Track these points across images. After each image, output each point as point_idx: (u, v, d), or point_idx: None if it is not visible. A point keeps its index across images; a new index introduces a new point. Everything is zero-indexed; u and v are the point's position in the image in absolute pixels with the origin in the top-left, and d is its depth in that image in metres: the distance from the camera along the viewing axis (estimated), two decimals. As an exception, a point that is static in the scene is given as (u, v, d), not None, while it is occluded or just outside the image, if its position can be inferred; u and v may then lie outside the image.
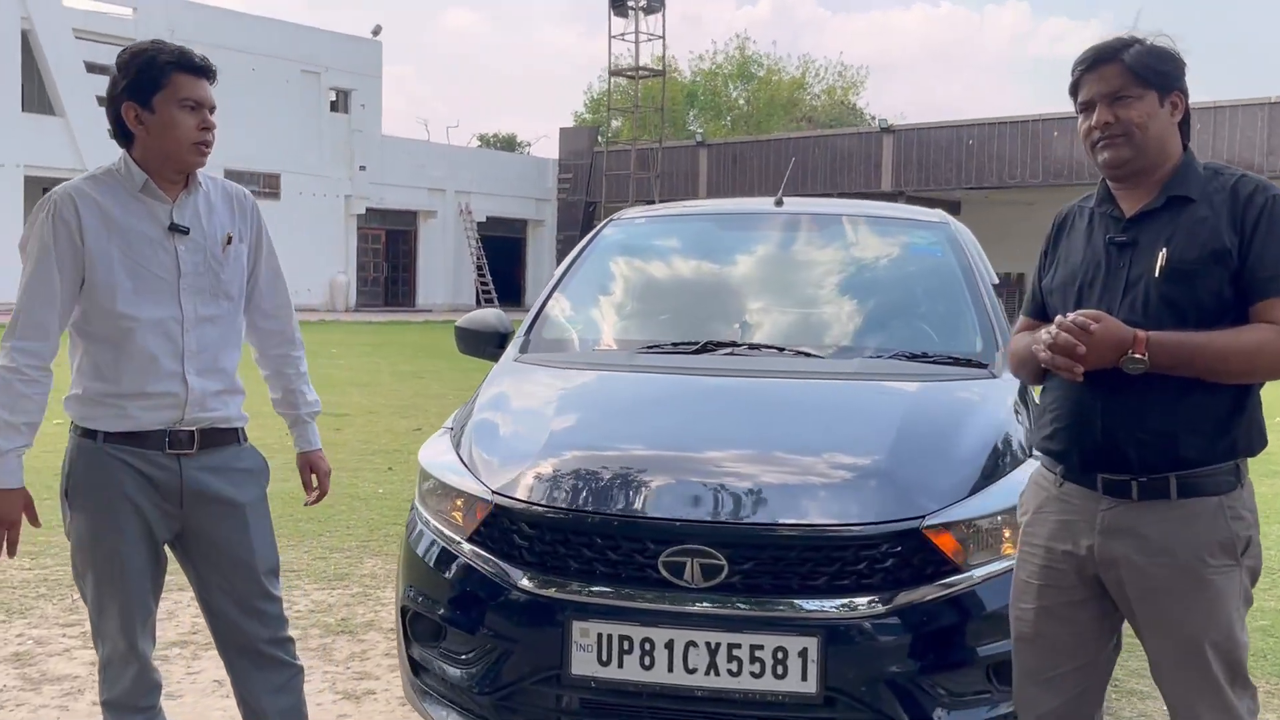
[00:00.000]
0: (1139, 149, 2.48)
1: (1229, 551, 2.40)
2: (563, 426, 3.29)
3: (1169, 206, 2.47)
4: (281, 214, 38.86)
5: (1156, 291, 2.42)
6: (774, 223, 4.58)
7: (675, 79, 60.84)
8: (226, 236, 2.95)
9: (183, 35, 35.99)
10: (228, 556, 2.96)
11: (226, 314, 2.96)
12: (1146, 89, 2.47)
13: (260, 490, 3.04)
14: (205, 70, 2.89)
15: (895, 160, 37.64)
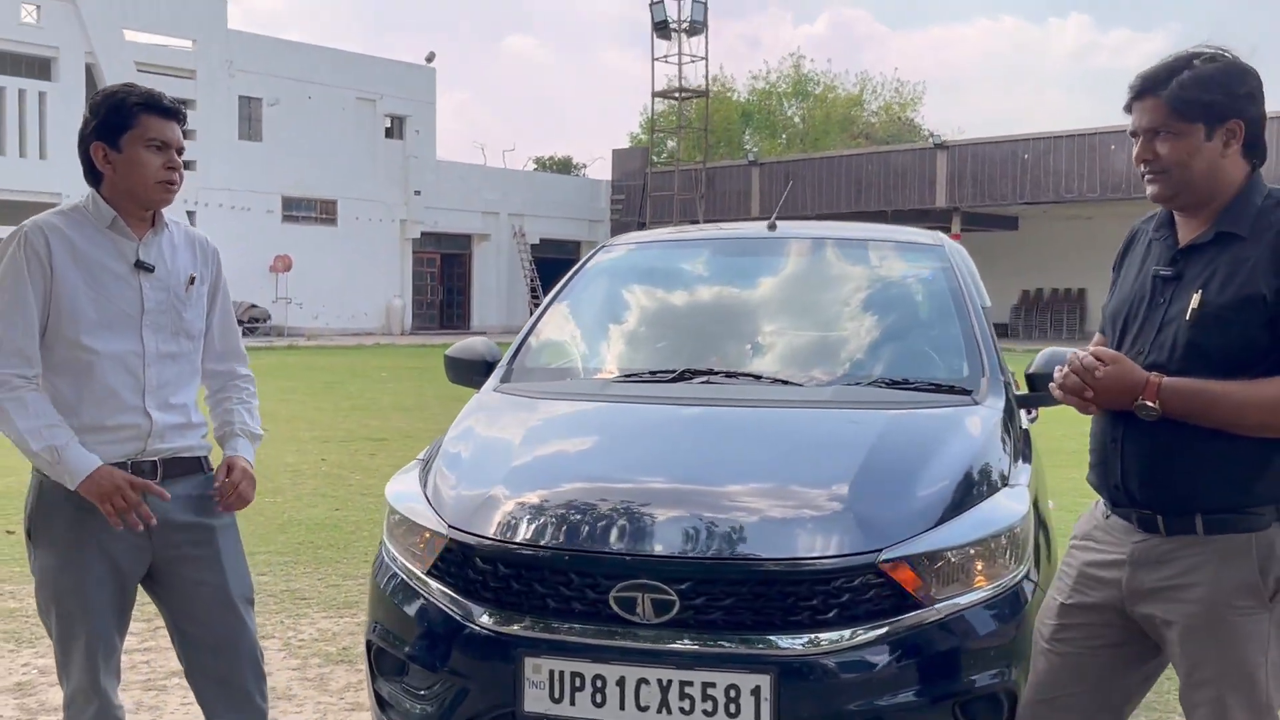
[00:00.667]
0: (1181, 186, 2.37)
1: (1255, 594, 2.28)
2: (523, 460, 3.25)
3: (1217, 241, 2.35)
4: (338, 239, 39.47)
5: (1185, 336, 2.32)
6: (764, 248, 4.51)
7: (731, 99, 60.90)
8: (190, 277, 2.99)
9: (241, 65, 36.80)
10: (200, 584, 2.96)
11: (187, 352, 2.99)
12: (1190, 124, 2.33)
13: (229, 517, 3.05)
14: (174, 113, 2.91)
15: (950, 176, 37.29)
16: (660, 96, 42.22)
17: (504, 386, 3.92)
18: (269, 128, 38.16)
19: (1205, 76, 2.33)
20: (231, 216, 36.96)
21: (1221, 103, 2.32)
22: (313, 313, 38.37)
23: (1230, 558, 2.30)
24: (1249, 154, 2.38)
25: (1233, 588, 2.29)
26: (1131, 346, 2.44)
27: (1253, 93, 2.35)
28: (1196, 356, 2.30)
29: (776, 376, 3.72)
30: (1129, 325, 2.48)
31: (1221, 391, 2.25)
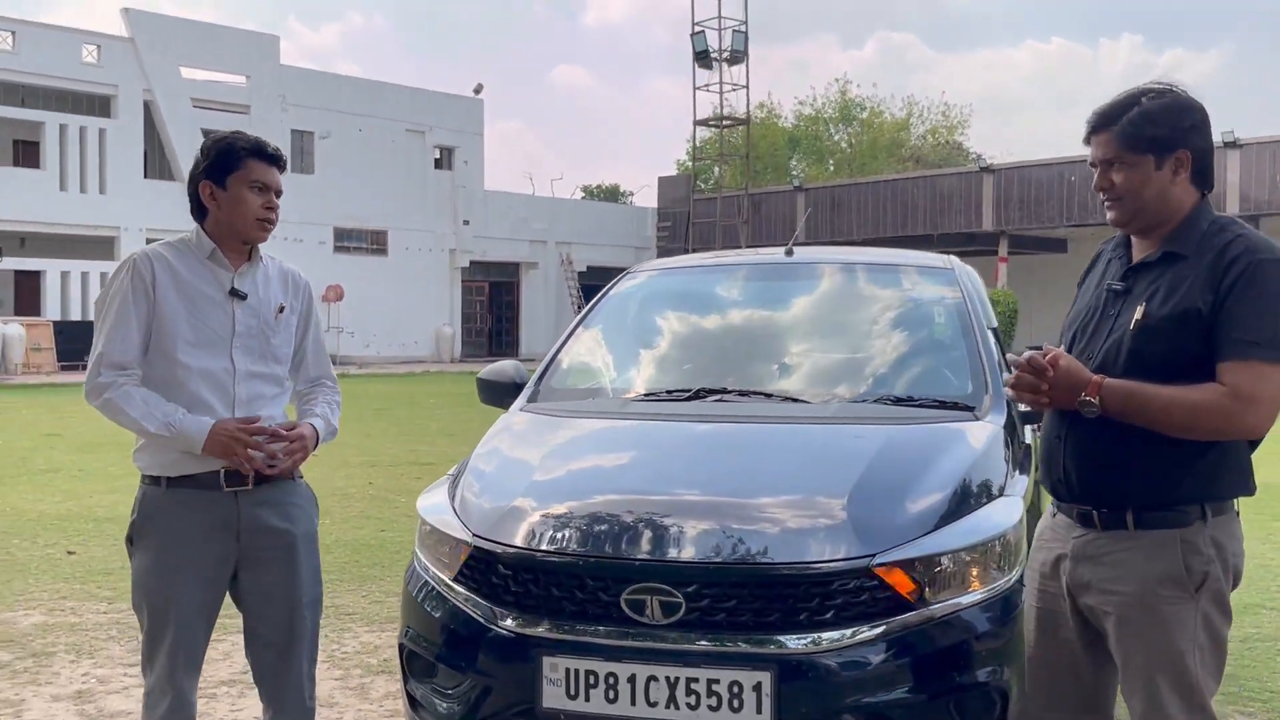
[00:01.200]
0: (1135, 211, 2.60)
1: (1180, 584, 2.49)
2: (542, 474, 3.47)
3: (1164, 260, 2.57)
4: (389, 269, 40.09)
5: (1129, 343, 2.54)
6: (781, 273, 4.72)
7: (778, 125, 61.14)
8: (279, 306, 3.30)
9: (294, 99, 37.60)
10: (275, 588, 3.23)
11: (275, 373, 3.29)
12: (1140, 155, 2.56)
13: (311, 525, 3.34)
14: (276, 159, 3.23)
15: (996, 199, 37.19)
16: (702, 125, 42.54)
17: (530, 406, 4.14)
18: (321, 160, 38.93)
19: (1153, 112, 2.55)
20: (285, 248, 37.67)
21: (1168, 135, 2.54)
22: (364, 341, 38.96)
23: (1157, 552, 2.51)
24: (1197, 182, 2.60)
25: (1159, 579, 2.50)
26: (1083, 352, 2.66)
27: (1197, 125, 2.57)
28: (1137, 363, 2.51)
29: (786, 394, 3.93)
30: (1081, 334, 2.71)
31: (1153, 393, 2.45)
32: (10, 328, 29.25)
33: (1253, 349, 2.41)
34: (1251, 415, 2.42)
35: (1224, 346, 2.44)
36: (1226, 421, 2.43)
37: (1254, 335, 2.41)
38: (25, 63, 32.80)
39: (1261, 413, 2.42)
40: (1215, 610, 2.52)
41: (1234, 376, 2.42)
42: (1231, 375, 2.42)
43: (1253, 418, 2.42)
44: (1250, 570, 7.21)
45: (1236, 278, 2.44)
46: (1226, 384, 2.42)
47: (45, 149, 33.60)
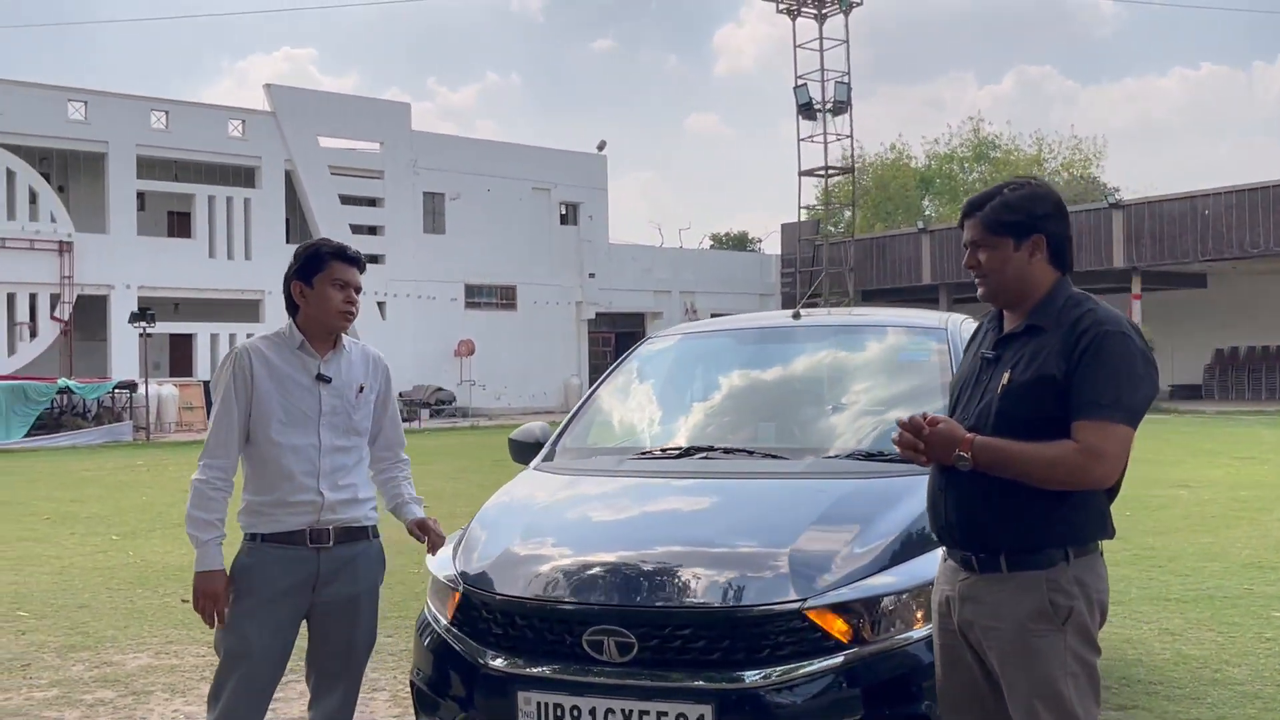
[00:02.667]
0: (998, 287, 2.94)
1: (1047, 619, 2.77)
2: (528, 529, 3.89)
3: (1027, 332, 2.89)
4: (517, 323, 41.26)
5: (997, 405, 2.85)
6: (782, 335, 5.09)
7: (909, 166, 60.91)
8: (359, 386, 3.73)
9: (425, 163, 39.17)
10: (338, 632, 3.67)
11: (355, 445, 3.72)
12: (1000, 238, 2.90)
13: (375, 581, 3.76)
14: (356, 260, 3.73)
15: (1126, 235, 36.44)
16: (807, 175, 42.86)
17: (542, 465, 4.58)
18: (451, 220, 40.45)
19: (1011, 201, 2.91)
20: (418, 305, 39.21)
21: (1024, 222, 2.88)
22: (495, 393, 40.11)
23: (1027, 590, 2.78)
24: (1055, 262, 2.92)
25: (1029, 615, 2.77)
26: (961, 413, 2.96)
27: (1050, 213, 2.90)
28: (1005, 422, 2.81)
29: (768, 451, 4.27)
30: (961, 396, 3.03)
31: (1016, 450, 2.75)
32: (165, 389, 31.11)
33: (1099, 409, 2.70)
34: (1099, 468, 2.71)
35: (1076, 407, 2.73)
36: (1078, 474, 2.72)
37: (1100, 397, 2.71)
38: (177, 139, 35.10)
39: (1108, 465, 2.72)
40: (1081, 642, 2.78)
41: (1084, 434, 2.71)
42: (1082, 433, 2.71)
43: (1100, 470, 2.71)
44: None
45: (1085, 347, 2.75)
46: (1078, 440, 2.71)
47: (196, 219, 35.79)
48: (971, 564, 2.88)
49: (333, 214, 37.62)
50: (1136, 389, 2.73)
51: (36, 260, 32.91)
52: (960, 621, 2.91)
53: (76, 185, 35.75)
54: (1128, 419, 2.72)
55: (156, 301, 33.94)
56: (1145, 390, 2.75)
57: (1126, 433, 2.72)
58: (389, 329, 38.52)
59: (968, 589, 2.89)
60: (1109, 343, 2.74)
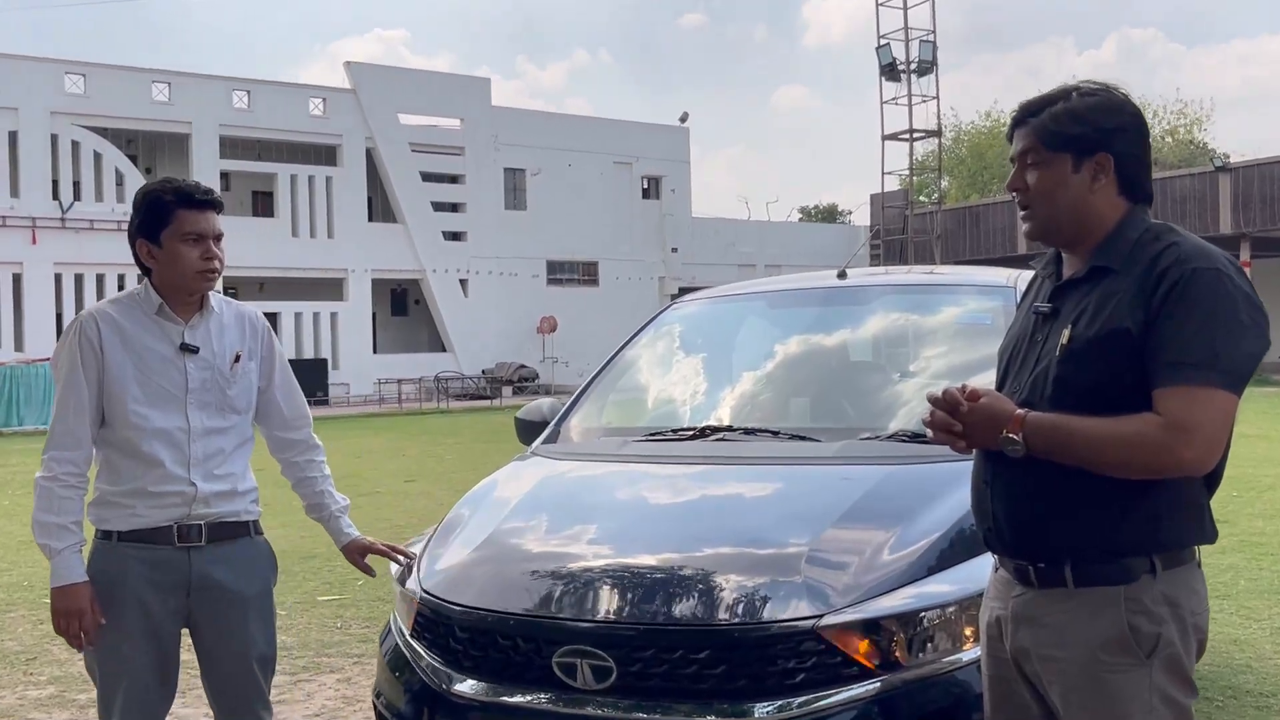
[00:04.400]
0: (1047, 220, 2.29)
1: (1127, 649, 2.12)
2: (503, 521, 3.30)
3: (1091, 276, 2.24)
4: (600, 299, 40.82)
5: (1055, 371, 2.21)
6: (825, 298, 4.40)
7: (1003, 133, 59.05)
8: (235, 355, 3.16)
9: (505, 139, 38.86)
10: (226, 646, 3.14)
11: (234, 425, 3.16)
12: (1055, 154, 2.25)
13: (265, 584, 3.21)
14: (209, 203, 3.12)
15: (1234, 200, 34.70)
16: (891, 139, 41.19)
17: (542, 448, 3.98)
18: (532, 196, 40.07)
19: (1077, 109, 2.25)
20: (500, 283, 38.94)
21: (1089, 135, 2.22)
22: (578, 370, 39.66)
23: (1099, 611, 2.13)
24: (1126, 191, 2.25)
25: (1103, 644, 2.12)
26: (1011, 384, 2.33)
27: (1124, 128, 2.24)
28: (1065, 393, 2.17)
29: (795, 432, 3.61)
30: (1011, 364, 2.38)
31: (1080, 426, 2.09)
32: (249, 367, 31.26)
33: (1189, 371, 2.04)
34: (1188, 449, 2.03)
35: (1156, 371, 2.07)
36: (1162, 456, 2.05)
37: (1189, 355, 2.04)
38: (259, 119, 35.19)
39: (1201, 444, 2.04)
40: (1171, 680, 2.12)
41: (1169, 404, 2.04)
42: (1166, 403, 2.05)
43: (1189, 451, 2.04)
44: None
45: (1168, 291, 2.09)
46: (1162, 413, 2.05)
47: (278, 198, 35.90)
48: (1028, 576, 2.24)
49: (414, 191, 37.51)
50: (1238, 343, 2.07)
51: (125, 242, 33.16)
52: (1014, 648, 2.27)
53: (162, 166, 36.03)
54: (1228, 382, 2.05)
55: (241, 281, 34.15)
56: (1250, 345, 2.08)
57: (1226, 400, 2.05)
58: (471, 306, 38.36)
59: (1024, 607, 2.25)
60: (1199, 284, 2.08)
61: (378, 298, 37.91)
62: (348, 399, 34.46)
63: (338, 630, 6.52)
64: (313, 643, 6.22)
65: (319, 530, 3.40)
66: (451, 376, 35.59)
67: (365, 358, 36.50)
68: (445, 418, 28.35)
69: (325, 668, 5.76)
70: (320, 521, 3.39)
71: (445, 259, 38.00)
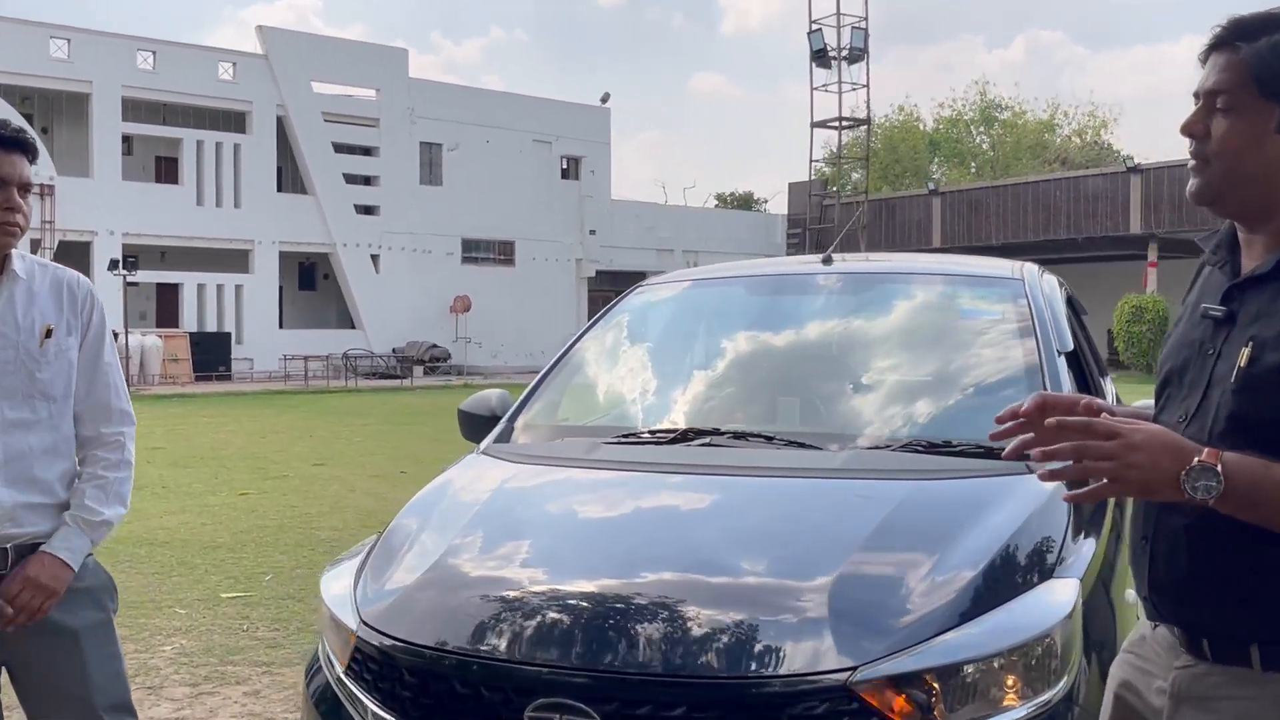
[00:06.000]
0: (1227, 184, 1.75)
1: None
2: (458, 545, 2.77)
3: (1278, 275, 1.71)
4: (516, 280, 40.18)
5: (1231, 403, 1.68)
6: (808, 287, 3.93)
7: (918, 128, 59.59)
8: (45, 329, 2.57)
9: (422, 112, 37.96)
10: (59, 692, 2.57)
11: (47, 417, 2.57)
12: (1260, 99, 1.70)
13: (101, 614, 2.65)
14: (16, 143, 2.51)
15: (1144, 201, 35.21)
16: (820, 126, 41.04)
17: (494, 447, 3.47)
18: (449, 172, 39.17)
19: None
20: (413, 259, 38.03)
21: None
22: (491, 351, 39.02)
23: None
24: None
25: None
26: (1173, 414, 1.79)
27: None
28: (1239, 432, 1.65)
29: (792, 438, 3.15)
30: (1175, 386, 1.83)
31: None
32: (148, 339, 30.06)
33: None
34: None
35: None
36: None
37: None
38: (164, 81, 33.78)
39: None
40: None
41: None
42: None
43: None
44: None
45: None
46: None
47: (183, 165, 34.53)
48: (1201, 648, 1.76)
49: (326, 162, 36.40)
50: None
51: (18, 204, 31.72)
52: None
53: (60, 127, 34.46)
54: None
55: (142, 249, 32.81)
56: None
57: None
58: (383, 283, 37.40)
59: (1193, 684, 1.77)
60: None
61: (285, 271, 36.75)
62: (251, 374, 33.36)
63: (243, 633, 5.95)
64: (216, 648, 5.64)
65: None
66: (361, 355, 34.69)
67: (271, 332, 35.35)
68: (354, 397, 27.53)
69: (230, 678, 5.19)
70: None
71: (357, 233, 36.96)
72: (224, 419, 20.35)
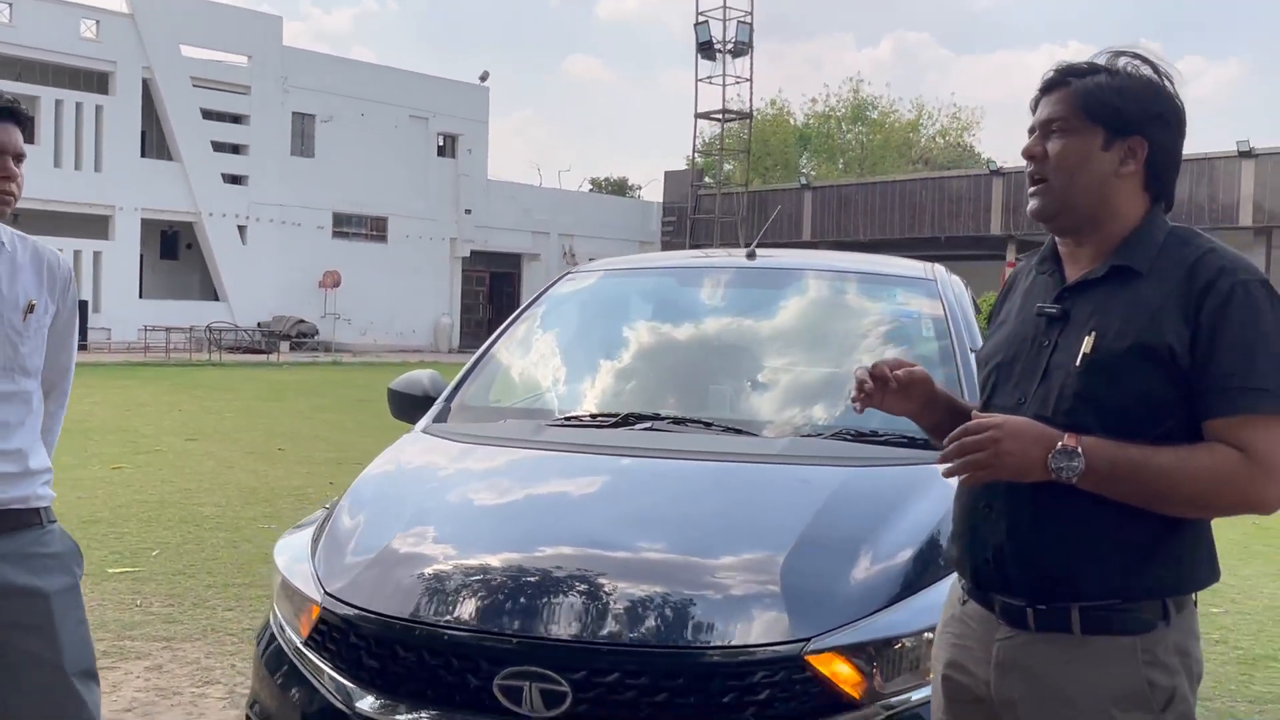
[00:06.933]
0: (1062, 196, 2.01)
1: (1142, 704, 1.89)
2: (418, 517, 2.87)
3: (1111, 277, 1.98)
4: (388, 257, 39.58)
5: (1076, 385, 1.94)
6: (735, 279, 4.12)
7: (788, 122, 60.55)
8: (29, 304, 2.60)
9: (296, 81, 37.07)
10: (29, 657, 2.58)
11: (24, 390, 2.61)
12: (1089, 124, 1.99)
13: (69, 578, 2.68)
14: (12, 114, 2.55)
15: (1005, 203, 36.54)
16: (703, 118, 41.62)
17: (434, 427, 3.55)
18: (321, 144, 38.36)
19: (1123, 83, 2.00)
20: (281, 232, 37.17)
21: (1129, 112, 1.98)
22: (361, 329, 38.42)
23: (1112, 663, 1.90)
24: (1151, 186, 2.03)
25: (1115, 697, 1.89)
26: (1009, 397, 2.04)
27: (1165, 116, 2.00)
28: (1087, 410, 1.92)
29: (729, 424, 3.32)
30: (1005, 374, 2.09)
31: (1151, 454, 1.85)
32: (-2, 305, 28.75)
33: (1265, 399, 1.83)
34: (1275, 484, 1.84)
35: (1222, 397, 1.85)
36: (1248, 494, 1.84)
37: (1261, 382, 1.84)
38: (22, 36, 32.25)
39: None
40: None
41: (1245, 435, 1.83)
42: (1241, 434, 1.83)
43: (1275, 487, 1.84)
44: (1257, 614, 6.64)
45: (1221, 306, 1.87)
46: (1236, 444, 1.84)
47: (41, 124, 32.98)
48: (1024, 618, 1.97)
49: (193, 128, 35.26)
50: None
51: None
52: (999, 698, 2.00)
53: (-95, 79, 32.68)
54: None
55: (-7, 211, 31.32)
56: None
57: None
58: (249, 255, 36.46)
59: (1015, 653, 1.98)
60: (1256, 300, 1.87)
61: (147, 238, 35.52)
62: (109, 345, 32.20)
63: (137, 609, 5.87)
64: (110, 623, 5.56)
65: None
66: (225, 328, 33.78)
67: (130, 302, 34.14)
68: (219, 371, 26.84)
69: (130, 653, 5.14)
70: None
71: (223, 202, 35.92)
72: (85, 390, 19.63)
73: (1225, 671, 5.39)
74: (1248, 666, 5.50)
